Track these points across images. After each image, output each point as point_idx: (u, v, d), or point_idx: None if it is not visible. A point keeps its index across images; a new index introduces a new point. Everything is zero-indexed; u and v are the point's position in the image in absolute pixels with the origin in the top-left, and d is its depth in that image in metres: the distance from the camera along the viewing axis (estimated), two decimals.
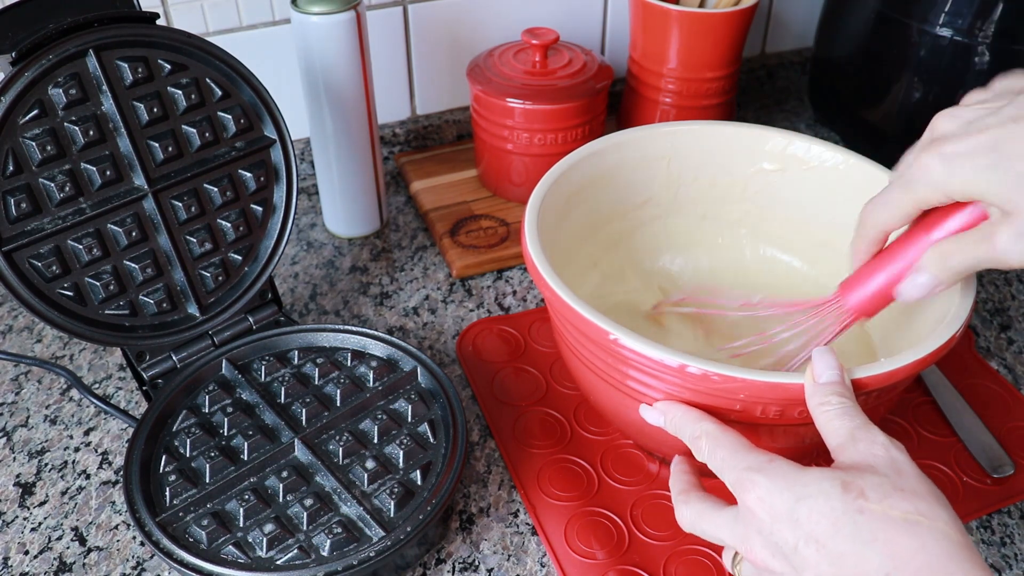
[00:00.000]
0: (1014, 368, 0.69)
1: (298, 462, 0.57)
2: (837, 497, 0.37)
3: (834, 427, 0.42)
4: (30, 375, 0.68)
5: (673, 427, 0.48)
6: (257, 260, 0.65)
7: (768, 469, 0.40)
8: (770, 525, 0.39)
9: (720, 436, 0.44)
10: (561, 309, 0.51)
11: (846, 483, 0.37)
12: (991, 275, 0.79)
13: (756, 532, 0.39)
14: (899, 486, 0.37)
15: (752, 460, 0.41)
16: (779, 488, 0.39)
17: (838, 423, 0.41)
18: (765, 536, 0.39)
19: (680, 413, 0.47)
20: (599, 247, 0.67)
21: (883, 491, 0.37)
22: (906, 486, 0.37)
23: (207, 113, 0.60)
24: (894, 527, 0.36)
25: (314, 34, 0.70)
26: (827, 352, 0.44)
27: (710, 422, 0.45)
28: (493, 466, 0.62)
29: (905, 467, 0.39)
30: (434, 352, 0.71)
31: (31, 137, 0.53)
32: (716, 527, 0.43)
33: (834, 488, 0.37)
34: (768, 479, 0.39)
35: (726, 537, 0.42)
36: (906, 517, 0.36)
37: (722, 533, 0.42)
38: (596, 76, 0.81)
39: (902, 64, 0.81)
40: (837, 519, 0.37)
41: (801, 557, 0.37)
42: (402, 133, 0.93)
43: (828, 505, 0.37)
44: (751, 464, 0.41)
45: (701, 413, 0.47)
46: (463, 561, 0.56)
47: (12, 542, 0.56)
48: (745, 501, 0.40)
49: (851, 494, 0.37)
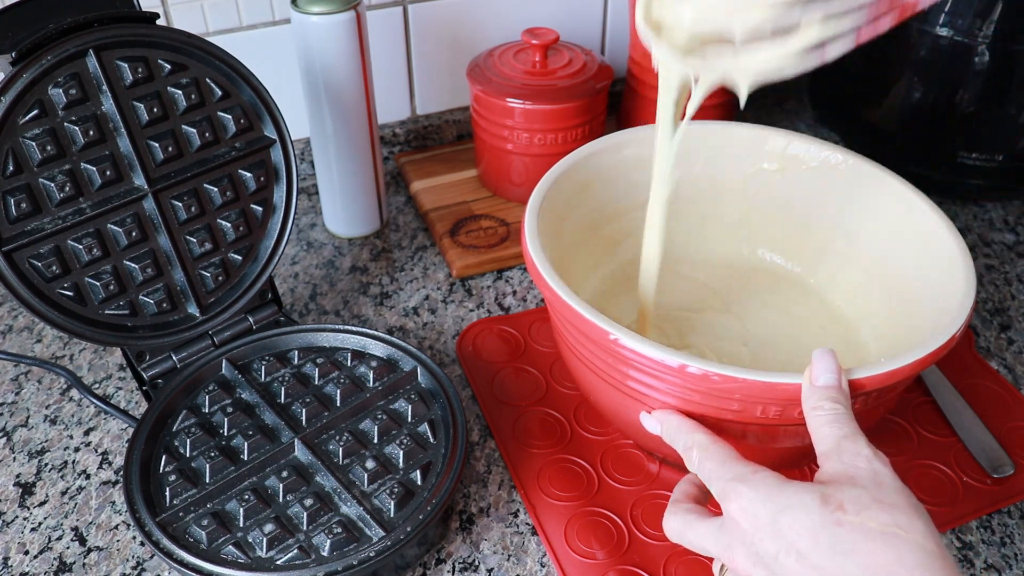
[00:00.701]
0: (1014, 368, 0.69)
1: (298, 462, 0.57)
2: (816, 510, 0.38)
3: (823, 433, 0.42)
4: (30, 375, 0.68)
5: (668, 437, 0.48)
6: (257, 260, 0.65)
7: (752, 480, 0.41)
8: (752, 535, 0.39)
9: (710, 447, 0.45)
10: (561, 309, 0.51)
11: (825, 496, 0.38)
12: (991, 275, 0.79)
13: (739, 542, 0.40)
14: (878, 498, 0.38)
15: (737, 471, 0.42)
16: (761, 499, 0.40)
17: (827, 430, 0.42)
18: (748, 546, 0.40)
19: (675, 423, 0.48)
20: (599, 247, 0.67)
21: (861, 503, 0.38)
22: (885, 498, 0.38)
23: (207, 113, 0.60)
24: (871, 539, 0.36)
25: (314, 34, 0.70)
26: (827, 353, 0.45)
27: (702, 433, 0.46)
28: (493, 466, 0.62)
29: (886, 479, 0.39)
30: (434, 352, 0.71)
31: (31, 137, 0.53)
32: (700, 536, 0.43)
33: (814, 500, 0.38)
34: (751, 490, 0.40)
35: (710, 546, 0.43)
36: (883, 529, 0.37)
37: (706, 543, 0.43)
38: (596, 76, 0.81)
39: (902, 64, 0.81)
40: (816, 531, 0.37)
41: (782, 567, 0.38)
42: (402, 133, 0.93)
43: (808, 517, 0.38)
44: (736, 475, 0.42)
45: (694, 424, 0.47)
46: (463, 561, 0.56)
47: (12, 542, 0.56)
48: (729, 511, 0.41)
49: (830, 507, 0.38)
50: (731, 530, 0.41)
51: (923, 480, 0.60)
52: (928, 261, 0.57)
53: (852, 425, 0.42)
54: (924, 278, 0.57)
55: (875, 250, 0.63)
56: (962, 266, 0.53)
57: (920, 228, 0.58)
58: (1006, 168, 0.82)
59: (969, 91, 0.78)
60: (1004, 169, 0.82)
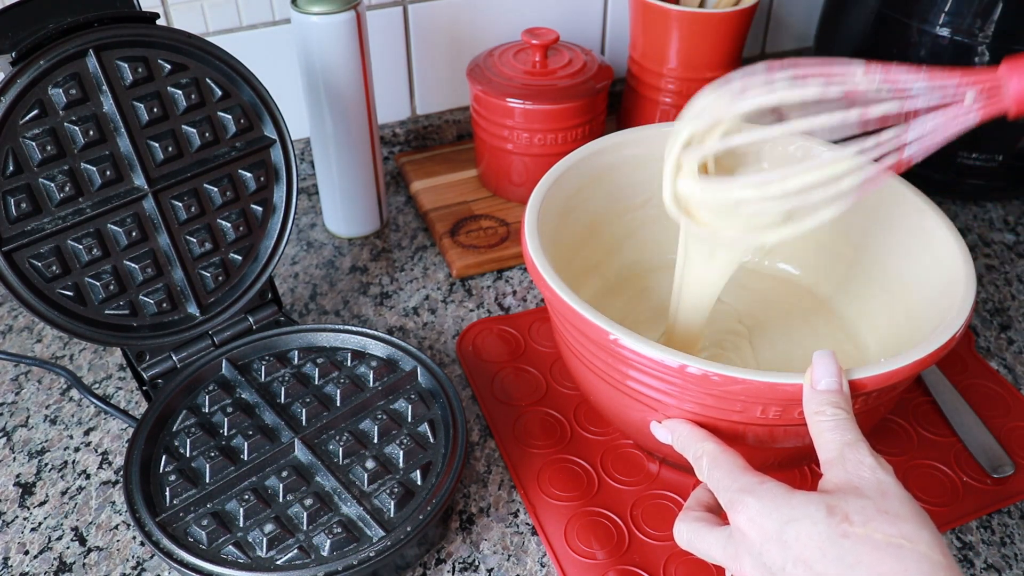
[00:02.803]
0: (1014, 368, 0.69)
1: (298, 462, 0.57)
2: (822, 521, 0.38)
3: (825, 440, 0.42)
4: (30, 375, 0.68)
5: (679, 446, 0.48)
6: (257, 260, 0.65)
7: (759, 491, 0.41)
8: (760, 546, 0.39)
9: (719, 457, 0.45)
10: (561, 309, 0.51)
11: (831, 507, 0.38)
12: (991, 275, 0.79)
13: (747, 552, 0.40)
14: (883, 508, 0.38)
15: (745, 481, 0.42)
16: (768, 510, 0.40)
17: (830, 436, 0.42)
18: (755, 556, 0.40)
19: (686, 432, 0.48)
20: (599, 247, 0.67)
21: (867, 514, 0.38)
22: (890, 508, 0.38)
23: (207, 113, 0.60)
24: (877, 551, 0.37)
25: (314, 34, 0.70)
26: (828, 356, 0.45)
27: (712, 442, 0.46)
28: (493, 466, 0.62)
29: (890, 489, 0.39)
30: (434, 352, 0.71)
31: (31, 137, 0.53)
32: (708, 545, 0.43)
33: (819, 512, 0.38)
34: (758, 501, 0.40)
35: (718, 555, 0.43)
36: (889, 540, 0.37)
37: (714, 551, 0.43)
38: (596, 76, 0.81)
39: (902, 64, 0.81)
40: (823, 543, 0.37)
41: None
42: (402, 133, 0.93)
43: (815, 529, 0.38)
44: (743, 485, 0.42)
45: (705, 433, 0.47)
46: (463, 561, 0.56)
47: (12, 542, 0.56)
48: (737, 522, 0.41)
49: (836, 518, 0.38)
50: (739, 541, 0.41)
51: (923, 480, 0.60)
52: (928, 261, 0.57)
53: (855, 431, 0.42)
54: (924, 278, 0.57)
55: (875, 250, 0.63)
56: (962, 266, 0.53)
57: (920, 228, 0.58)
58: (1006, 168, 0.82)
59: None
60: (1004, 169, 0.82)
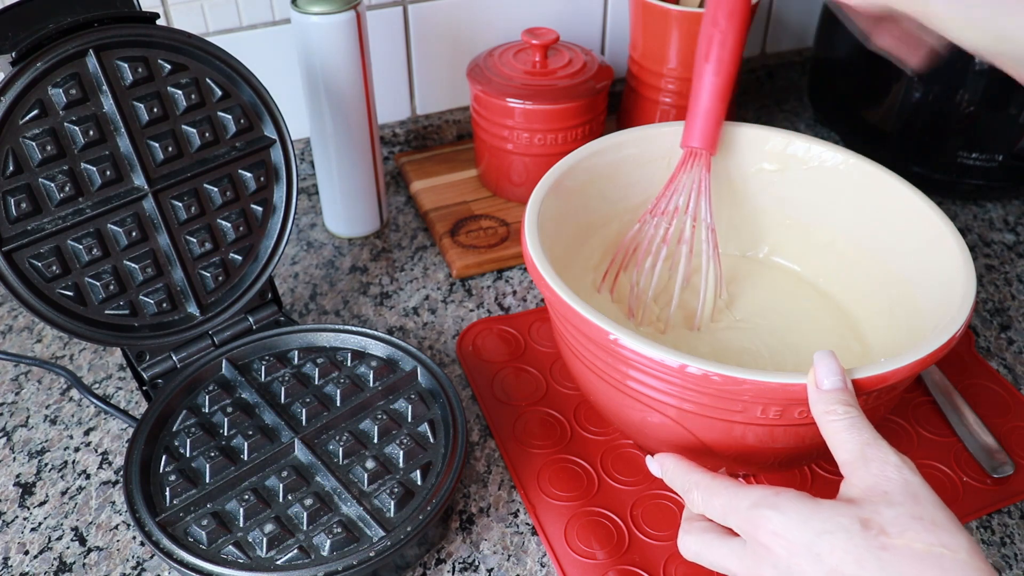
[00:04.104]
0: (1014, 368, 0.69)
1: (298, 462, 0.57)
2: (858, 533, 0.37)
3: (842, 440, 0.41)
4: (30, 375, 0.68)
5: (668, 479, 0.48)
6: (257, 260, 0.65)
7: (777, 503, 0.40)
8: (788, 559, 0.38)
9: (712, 485, 0.44)
10: (561, 309, 0.51)
11: (864, 520, 0.37)
12: (991, 275, 0.79)
13: (771, 567, 0.39)
14: (917, 515, 0.37)
15: (756, 496, 0.41)
16: (795, 523, 0.38)
17: (846, 436, 0.41)
18: (781, 570, 0.39)
19: (671, 464, 0.47)
20: (599, 247, 0.67)
21: (903, 524, 0.37)
22: (924, 515, 0.37)
23: (207, 113, 0.60)
24: (919, 562, 0.36)
25: (314, 34, 0.70)
26: (829, 355, 0.44)
27: (699, 473, 0.45)
28: (493, 466, 0.62)
29: (920, 492, 0.38)
30: (434, 352, 0.71)
31: (31, 137, 0.53)
32: (723, 557, 0.42)
33: (853, 524, 0.37)
34: (781, 514, 0.39)
35: (734, 567, 0.41)
36: (930, 550, 0.36)
37: (729, 563, 0.42)
38: (596, 76, 0.81)
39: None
40: (861, 556, 0.36)
41: None
42: (402, 133, 0.93)
43: (851, 542, 0.37)
44: (756, 500, 0.40)
45: (691, 465, 0.46)
46: (463, 561, 0.56)
47: (12, 542, 0.56)
48: (758, 538, 0.40)
49: (872, 531, 0.37)
50: (760, 555, 0.40)
51: None
52: (928, 261, 0.57)
53: (871, 430, 0.41)
54: (924, 278, 0.57)
55: (875, 250, 0.63)
56: (962, 266, 0.53)
57: (920, 228, 0.58)
58: (1006, 168, 0.82)
59: (969, 91, 0.78)
60: (1004, 169, 0.82)
